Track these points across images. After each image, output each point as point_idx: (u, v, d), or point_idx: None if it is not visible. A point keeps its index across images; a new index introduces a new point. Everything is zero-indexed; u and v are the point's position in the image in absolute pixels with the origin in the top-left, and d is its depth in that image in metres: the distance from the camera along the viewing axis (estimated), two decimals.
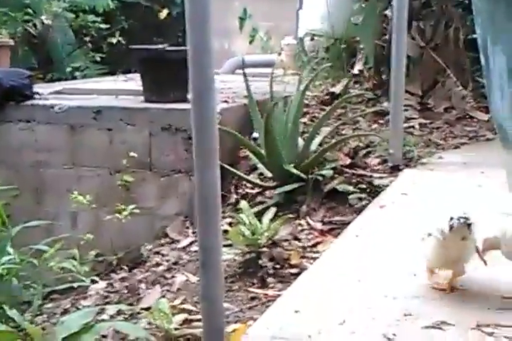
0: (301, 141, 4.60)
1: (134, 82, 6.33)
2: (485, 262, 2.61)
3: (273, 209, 3.89)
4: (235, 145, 4.87)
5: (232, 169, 4.49)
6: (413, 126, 5.18)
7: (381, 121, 5.42)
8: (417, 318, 2.49)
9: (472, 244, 2.61)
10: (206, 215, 2.40)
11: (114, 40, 8.63)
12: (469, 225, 2.51)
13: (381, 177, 4.38)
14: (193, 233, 4.64)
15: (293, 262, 3.62)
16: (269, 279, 3.54)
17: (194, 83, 2.36)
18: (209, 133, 2.37)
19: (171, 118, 4.90)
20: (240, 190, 4.85)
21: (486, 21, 1.08)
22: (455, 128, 5.27)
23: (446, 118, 5.42)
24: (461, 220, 2.50)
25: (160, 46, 5.51)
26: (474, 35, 6.09)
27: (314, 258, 3.58)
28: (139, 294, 3.87)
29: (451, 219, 2.52)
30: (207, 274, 2.41)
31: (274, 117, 4.34)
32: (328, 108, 5.13)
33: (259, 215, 3.90)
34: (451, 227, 2.52)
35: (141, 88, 5.41)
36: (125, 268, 4.66)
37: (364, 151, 4.70)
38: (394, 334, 2.38)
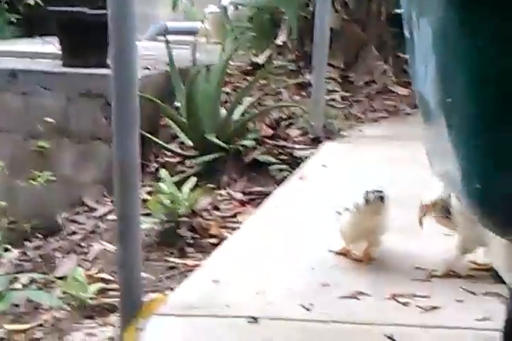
0: (223, 111, 4.56)
1: (51, 45, 6.11)
2: (421, 225, 2.60)
3: (193, 179, 3.84)
4: (155, 113, 4.78)
5: (152, 137, 4.41)
6: (334, 99, 5.21)
7: (303, 93, 5.42)
8: (334, 288, 2.52)
9: (386, 217, 2.65)
10: (124, 183, 2.36)
11: (31, 1, 8.30)
12: (383, 199, 2.54)
13: (302, 149, 4.39)
14: (111, 201, 4.54)
15: (212, 232, 3.61)
16: (189, 249, 3.52)
17: (115, 48, 2.30)
18: (129, 100, 2.31)
19: (90, 83, 4.76)
20: (160, 159, 4.78)
21: None
22: (375, 102, 5.33)
23: (367, 91, 5.47)
24: (376, 194, 2.53)
25: (80, 9, 5.32)
26: (397, 10, 6.19)
27: (234, 229, 3.57)
28: (53, 263, 3.79)
29: (367, 193, 2.54)
30: (125, 243, 2.37)
31: (196, 86, 4.28)
32: (250, 78, 5.10)
33: (179, 185, 3.86)
34: (366, 201, 2.55)
35: (59, 52, 5.23)
36: (39, 236, 4.54)
37: (286, 122, 4.70)
38: (311, 304, 2.41)
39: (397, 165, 3.99)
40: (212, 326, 2.27)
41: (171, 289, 2.87)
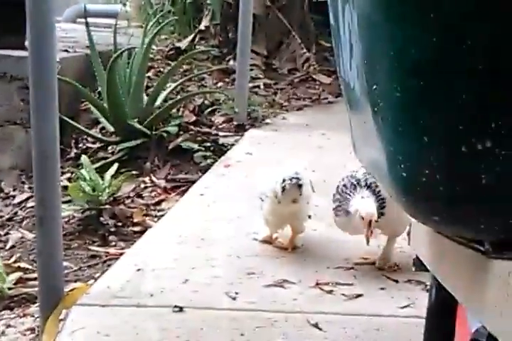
0: (145, 97, 4.48)
1: None
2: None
3: (115, 166, 3.77)
4: (75, 97, 4.65)
5: (72, 122, 4.29)
6: (258, 86, 5.20)
7: (227, 80, 5.39)
8: (259, 277, 2.52)
9: (305, 203, 2.65)
10: (43, 169, 2.29)
11: None
12: (300, 186, 2.54)
13: (226, 136, 4.37)
14: (30, 188, 4.41)
15: (136, 220, 3.54)
16: (111, 237, 3.45)
17: (32, 29, 2.22)
18: (48, 83, 2.24)
19: (5, 65, 4.57)
20: (81, 145, 4.66)
21: None
22: (298, 90, 5.35)
23: (291, 79, 5.48)
24: (293, 181, 2.53)
25: None
26: None
27: (158, 217, 3.53)
28: None
29: (283, 180, 2.53)
30: (44, 230, 2.31)
31: (117, 69, 4.18)
32: (173, 63, 5.03)
33: (100, 171, 3.77)
34: (283, 188, 2.54)
35: None
36: None
37: (209, 109, 4.66)
38: (236, 293, 2.40)
39: (319, 152, 4.03)
40: (135, 316, 2.23)
41: (93, 278, 2.81)
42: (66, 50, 5.03)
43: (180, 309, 2.27)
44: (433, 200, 0.88)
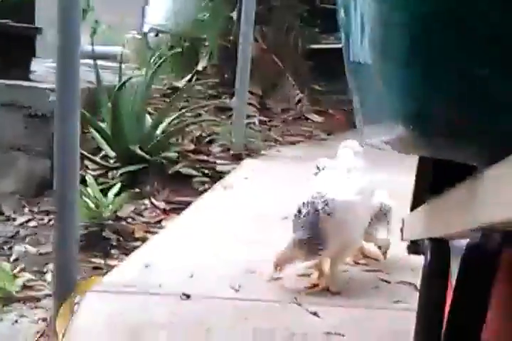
0: (147, 127, 4.68)
1: None
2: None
3: (118, 185, 3.93)
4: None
5: None
6: (254, 123, 5.42)
7: (223, 116, 5.62)
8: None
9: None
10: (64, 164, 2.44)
11: None
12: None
13: (223, 164, 4.56)
14: (30, 211, 4.55)
15: (137, 235, 3.69)
16: (113, 251, 3.59)
17: (59, 63, 2.41)
18: (72, 116, 2.43)
19: (12, 94, 4.78)
20: (81, 172, 4.82)
21: None
22: (292, 127, 5.58)
23: (284, 117, 5.73)
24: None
25: (2, 20, 5.36)
26: (312, 46, 6.53)
27: (158, 233, 3.67)
28: None
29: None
30: (61, 221, 2.45)
31: (121, 98, 4.38)
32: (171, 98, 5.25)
33: (102, 194, 3.93)
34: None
35: None
36: None
37: (207, 139, 4.86)
38: (240, 286, 2.55)
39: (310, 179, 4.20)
40: (146, 302, 2.37)
41: None
42: None
43: (188, 297, 2.41)
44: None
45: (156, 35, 6.90)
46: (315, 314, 2.37)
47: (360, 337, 2.25)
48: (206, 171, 4.46)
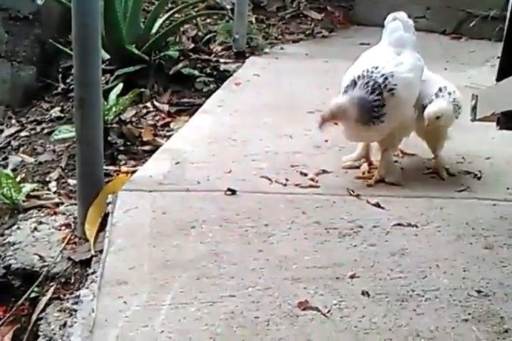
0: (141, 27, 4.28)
1: None
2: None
3: (120, 85, 3.56)
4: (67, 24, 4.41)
5: (64, 49, 4.06)
6: (250, 21, 5.02)
7: (215, 17, 5.20)
8: (303, 168, 2.40)
9: None
10: (84, 45, 2.10)
11: None
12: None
13: (226, 63, 4.20)
14: (18, 122, 4.19)
15: (145, 139, 3.37)
16: (120, 156, 3.28)
17: None
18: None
19: None
20: (69, 80, 4.44)
21: None
22: (291, 26, 5.20)
23: (281, 15, 5.33)
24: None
25: None
26: None
27: (168, 136, 3.36)
28: None
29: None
30: (84, 112, 2.13)
31: None
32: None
33: None
34: None
35: None
36: None
37: (206, 38, 4.49)
38: (287, 179, 2.28)
39: (327, 74, 3.89)
40: (188, 199, 2.09)
41: None
42: None
43: (233, 192, 2.13)
44: None
45: None
46: (378, 205, 2.11)
47: (432, 227, 2.01)
48: (209, 71, 4.11)
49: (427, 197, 2.20)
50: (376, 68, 2.24)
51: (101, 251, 1.91)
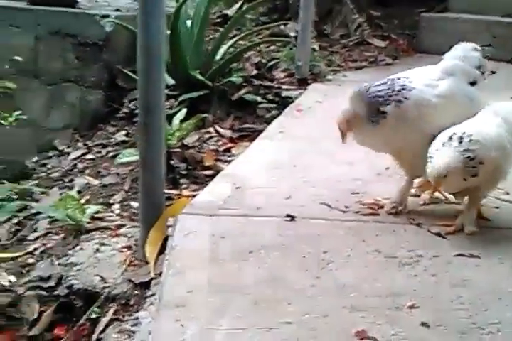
0: (206, 53, 4.35)
1: None
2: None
3: (184, 111, 3.63)
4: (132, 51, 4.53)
5: (131, 74, 4.16)
6: (314, 49, 5.05)
7: (278, 44, 5.25)
8: (363, 195, 2.39)
9: None
10: (149, 69, 2.15)
11: None
12: None
13: (288, 90, 4.24)
14: (85, 145, 4.29)
15: (207, 164, 3.41)
16: (182, 180, 3.32)
17: None
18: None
19: (60, 21, 4.46)
20: (132, 105, 4.54)
21: None
22: (354, 53, 5.21)
23: (344, 43, 5.35)
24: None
25: None
26: None
27: (229, 161, 3.39)
28: (31, 197, 3.52)
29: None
30: (148, 136, 2.17)
31: (179, 26, 4.04)
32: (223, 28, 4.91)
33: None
34: None
35: None
36: (5, 182, 4.24)
37: (268, 65, 4.53)
38: (346, 207, 2.27)
39: None
40: (247, 224, 2.10)
41: None
42: (118, 10, 4.92)
43: (292, 218, 2.14)
44: None
45: None
46: (439, 235, 2.08)
47: (494, 259, 1.96)
48: (271, 97, 4.14)
49: (489, 228, 2.16)
50: (400, 78, 2.21)
51: (160, 274, 1.93)
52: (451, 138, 2.00)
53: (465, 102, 2.20)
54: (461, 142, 1.98)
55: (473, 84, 2.27)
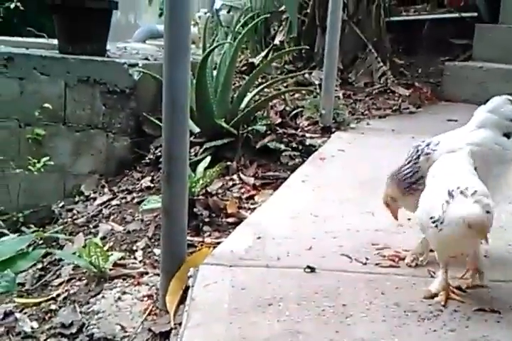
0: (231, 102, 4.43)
1: (44, 39, 5.94)
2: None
3: (208, 158, 3.68)
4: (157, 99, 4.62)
5: (157, 122, 4.24)
6: (338, 97, 5.12)
7: (303, 92, 5.33)
8: (384, 248, 2.39)
9: None
10: (173, 119, 2.20)
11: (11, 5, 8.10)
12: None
13: (312, 138, 4.28)
14: (110, 191, 4.35)
15: (230, 211, 3.43)
16: (205, 227, 3.35)
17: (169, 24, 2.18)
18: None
19: (89, 69, 4.58)
20: (158, 151, 4.61)
21: None
22: (378, 101, 5.27)
23: (369, 91, 5.41)
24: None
25: None
26: (394, 18, 6.18)
27: (252, 209, 3.42)
28: (58, 243, 3.57)
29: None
30: (171, 185, 2.21)
31: (205, 75, 4.13)
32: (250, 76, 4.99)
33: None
34: None
35: (52, 42, 5.06)
36: (32, 227, 4.31)
37: (293, 113, 4.59)
38: (367, 258, 2.27)
39: None
40: (267, 275, 2.11)
41: None
42: (146, 58, 5.03)
43: (312, 270, 2.15)
44: None
45: (228, 11, 6.64)
46: (459, 289, 2.07)
47: None
48: (295, 145, 4.18)
49: (510, 282, 2.15)
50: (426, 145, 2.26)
51: (180, 324, 1.94)
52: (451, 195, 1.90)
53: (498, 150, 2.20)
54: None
55: (508, 136, 2.24)
